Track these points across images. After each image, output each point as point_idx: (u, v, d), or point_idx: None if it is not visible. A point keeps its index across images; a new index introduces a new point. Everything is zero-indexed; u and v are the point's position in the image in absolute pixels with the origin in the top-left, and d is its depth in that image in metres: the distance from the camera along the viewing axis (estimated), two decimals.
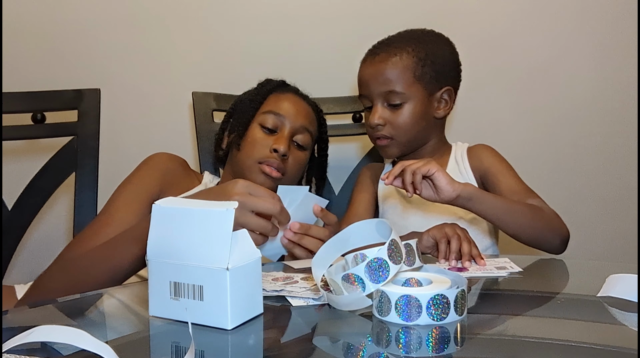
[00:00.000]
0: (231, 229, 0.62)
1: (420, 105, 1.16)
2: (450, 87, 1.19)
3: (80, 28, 1.56)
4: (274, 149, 1.15)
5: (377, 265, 0.66)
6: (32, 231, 1.28)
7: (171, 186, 1.12)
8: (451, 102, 1.21)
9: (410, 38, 1.19)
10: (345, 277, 0.67)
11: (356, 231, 0.76)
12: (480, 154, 1.21)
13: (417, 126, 1.17)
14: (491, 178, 1.17)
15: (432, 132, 1.22)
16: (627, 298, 0.71)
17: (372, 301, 0.67)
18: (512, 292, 0.81)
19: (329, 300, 0.71)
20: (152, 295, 0.67)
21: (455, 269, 0.88)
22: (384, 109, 1.17)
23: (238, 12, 1.57)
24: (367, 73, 1.19)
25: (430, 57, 1.16)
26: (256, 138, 1.17)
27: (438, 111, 1.20)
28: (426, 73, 1.16)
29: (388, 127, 1.17)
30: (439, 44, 1.20)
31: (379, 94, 1.17)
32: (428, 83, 1.16)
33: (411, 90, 1.15)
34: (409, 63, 1.15)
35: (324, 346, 0.62)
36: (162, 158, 1.17)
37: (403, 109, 1.16)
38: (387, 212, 1.25)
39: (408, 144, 1.20)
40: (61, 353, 0.57)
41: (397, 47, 1.17)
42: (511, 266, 0.88)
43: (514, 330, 0.66)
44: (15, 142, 1.29)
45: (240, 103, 1.26)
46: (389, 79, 1.15)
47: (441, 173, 0.96)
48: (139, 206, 1.07)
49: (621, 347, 0.59)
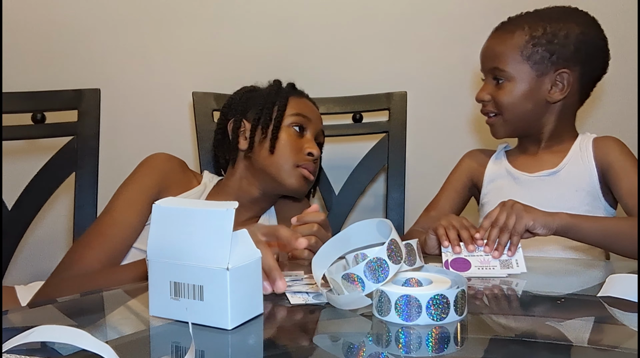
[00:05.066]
0: (231, 229, 0.62)
1: (525, 85, 1.11)
2: (567, 70, 1.11)
3: (80, 28, 1.56)
4: (309, 153, 1.17)
5: (376, 264, 0.66)
6: (32, 231, 1.28)
7: (169, 187, 1.12)
8: (568, 86, 1.11)
9: (535, 15, 1.14)
10: (345, 276, 0.68)
11: (357, 231, 0.76)
12: (607, 146, 1.13)
13: (521, 107, 1.12)
14: (613, 174, 1.09)
15: (548, 116, 1.14)
16: (627, 298, 0.71)
17: (371, 301, 0.67)
18: (512, 292, 0.81)
19: (329, 299, 0.71)
20: (152, 295, 0.67)
21: (461, 260, 0.88)
22: (491, 85, 1.15)
23: (238, 12, 1.57)
24: (483, 48, 1.18)
25: (547, 36, 1.10)
26: (290, 140, 1.17)
27: (552, 94, 1.12)
28: (537, 53, 1.10)
29: (493, 103, 1.15)
30: (566, 23, 1.11)
31: (488, 69, 1.15)
32: (537, 64, 1.11)
33: (516, 69, 1.11)
34: (519, 41, 1.11)
35: (324, 346, 0.62)
36: (161, 159, 1.16)
37: (506, 86, 1.12)
38: (490, 193, 1.21)
39: (514, 125, 1.15)
40: (61, 353, 0.57)
41: (515, 24, 1.13)
42: (517, 264, 0.87)
43: (514, 330, 0.66)
44: (15, 142, 1.29)
45: (255, 104, 1.21)
46: (495, 55, 1.13)
47: (537, 221, 0.91)
48: (140, 207, 1.08)
49: (621, 347, 0.59)
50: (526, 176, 1.16)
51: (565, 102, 1.14)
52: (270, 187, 1.18)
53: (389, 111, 1.44)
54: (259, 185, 1.19)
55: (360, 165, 1.45)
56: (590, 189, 1.11)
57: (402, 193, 1.41)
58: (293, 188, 1.16)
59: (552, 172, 1.14)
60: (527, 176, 1.16)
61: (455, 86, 1.57)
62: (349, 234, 0.76)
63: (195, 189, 1.17)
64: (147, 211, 1.08)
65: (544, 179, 1.14)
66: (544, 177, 1.14)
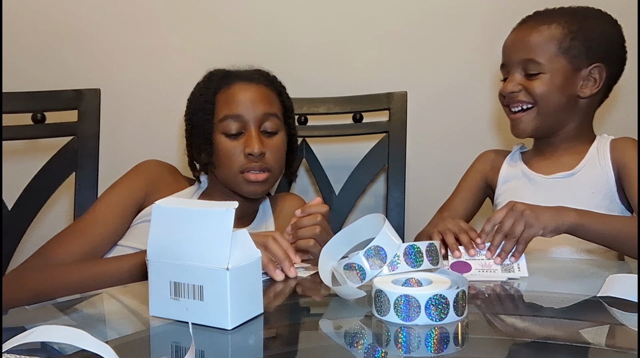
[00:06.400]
0: (231, 229, 0.62)
1: (561, 78, 1.09)
2: (600, 63, 1.10)
3: (80, 28, 1.56)
4: (249, 154, 1.09)
5: (374, 252, 0.70)
6: (32, 231, 1.27)
7: (158, 191, 1.11)
8: (600, 82, 1.10)
9: (567, 11, 1.13)
10: (347, 266, 0.71)
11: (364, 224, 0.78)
12: (623, 147, 1.11)
13: (556, 99, 1.10)
14: (627, 174, 1.08)
15: (573, 114, 1.13)
16: (627, 298, 0.71)
17: (364, 293, 0.69)
18: (512, 292, 0.81)
19: (335, 291, 0.73)
20: (152, 295, 0.67)
21: (462, 264, 0.88)
22: (520, 76, 1.11)
23: (238, 12, 1.57)
24: (510, 39, 1.14)
25: (583, 31, 1.09)
26: (226, 149, 1.11)
27: (583, 89, 1.11)
28: (574, 47, 1.09)
29: (524, 93, 1.11)
30: (598, 20, 1.12)
31: (517, 61, 1.11)
32: (574, 58, 1.09)
33: (552, 62, 1.09)
34: (556, 34, 1.09)
35: (323, 345, 0.62)
36: (150, 164, 1.16)
37: (541, 78, 1.09)
38: (505, 194, 1.19)
39: (545, 119, 1.12)
40: (61, 353, 0.57)
41: (550, 17, 1.11)
42: (519, 268, 0.86)
43: (514, 330, 0.66)
44: (15, 142, 1.29)
45: (193, 115, 1.16)
46: (530, 47, 1.10)
47: (543, 226, 0.88)
48: (122, 209, 1.07)
49: (621, 347, 0.59)
50: (542, 178, 1.14)
51: (591, 100, 1.13)
52: (238, 193, 1.15)
53: (389, 111, 1.44)
54: (230, 192, 1.16)
55: (360, 165, 1.45)
56: (607, 192, 1.10)
57: (402, 193, 1.41)
58: (248, 194, 1.13)
59: (568, 174, 1.12)
60: (542, 177, 1.14)
61: (456, 86, 1.57)
62: (356, 228, 0.79)
63: (186, 190, 1.17)
64: (131, 213, 1.08)
65: (560, 182, 1.13)
66: (560, 179, 1.13)
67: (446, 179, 1.31)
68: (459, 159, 1.32)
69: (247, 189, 1.12)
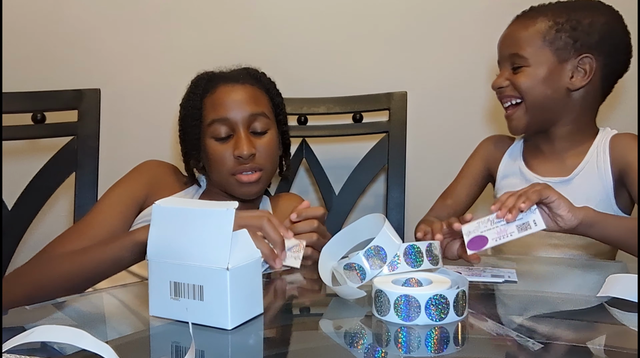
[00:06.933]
0: (231, 229, 0.62)
1: (544, 70, 1.09)
2: (589, 54, 1.08)
3: (80, 28, 1.56)
4: (238, 156, 1.08)
5: (374, 252, 0.70)
6: (32, 231, 1.27)
7: (158, 191, 1.11)
8: (590, 73, 1.08)
9: (557, 4, 1.13)
10: (347, 266, 0.70)
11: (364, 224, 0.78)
12: (624, 145, 1.09)
13: (541, 91, 1.09)
14: (631, 175, 1.05)
15: (565, 107, 1.11)
16: (627, 298, 0.71)
17: (365, 293, 0.69)
18: (512, 292, 0.81)
19: (335, 291, 0.73)
20: (152, 295, 0.67)
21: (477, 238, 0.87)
22: (508, 71, 1.12)
23: (238, 12, 1.57)
24: (502, 36, 1.15)
25: (571, 22, 1.08)
26: (215, 153, 1.10)
27: (573, 81, 1.09)
28: (559, 38, 1.08)
29: (511, 88, 1.12)
30: (588, 11, 1.10)
31: (506, 56, 1.13)
32: (559, 49, 1.08)
33: (536, 55, 1.09)
34: (541, 27, 1.09)
35: (323, 345, 0.62)
36: (151, 164, 1.16)
37: (524, 71, 1.09)
38: (503, 190, 1.18)
39: (535, 114, 1.11)
40: (61, 353, 0.57)
41: (537, 11, 1.12)
42: (535, 223, 0.84)
43: (514, 330, 0.66)
44: (15, 142, 1.29)
45: (183, 121, 1.17)
46: (514, 42, 1.11)
47: (562, 200, 0.88)
48: (124, 209, 1.07)
49: (621, 347, 0.59)
50: (537, 179, 1.14)
51: (586, 93, 1.11)
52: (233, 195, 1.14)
53: (389, 111, 1.44)
54: (227, 194, 1.16)
55: (360, 165, 1.45)
56: (603, 198, 1.09)
57: (402, 193, 1.41)
58: (242, 195, 1.12)
59: (564, 180, 1.11)
60: (538, 178, 1.14)
61: (456, 85, 1.57)
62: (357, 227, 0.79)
63: (187, 190, 1.17)
64: (132, 213, 1.08)
65: (554, 186, 1.11)
66: (555, 184, 1.09)
67: (446, 179, 1.31)
68: (459, 159, 1.32)
69: (241, 191, 1.12)
